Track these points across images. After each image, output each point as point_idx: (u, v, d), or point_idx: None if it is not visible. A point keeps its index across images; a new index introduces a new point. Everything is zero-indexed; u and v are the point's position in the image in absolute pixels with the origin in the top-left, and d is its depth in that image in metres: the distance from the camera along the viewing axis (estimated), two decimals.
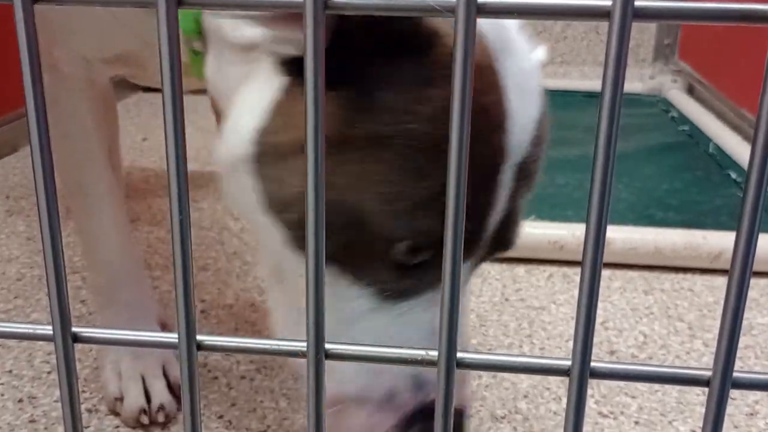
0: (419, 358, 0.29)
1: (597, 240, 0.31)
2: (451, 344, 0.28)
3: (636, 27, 2.10)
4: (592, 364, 0.28)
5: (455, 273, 0.29)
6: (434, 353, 0.29)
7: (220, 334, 0.88)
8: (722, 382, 0.28)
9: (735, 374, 0.28)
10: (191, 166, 1.23)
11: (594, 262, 0.30)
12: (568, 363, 0.28)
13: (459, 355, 0.28)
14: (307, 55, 0.27)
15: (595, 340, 0.89)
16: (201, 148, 1.50)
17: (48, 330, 0.30)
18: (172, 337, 0.29)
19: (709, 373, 0.28)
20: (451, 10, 0.31)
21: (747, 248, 0.32)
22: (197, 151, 1.51)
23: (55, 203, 0.29)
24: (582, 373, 0.28)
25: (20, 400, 0.76)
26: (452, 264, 0.28)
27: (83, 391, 0.77)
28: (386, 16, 0.32)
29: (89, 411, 0.75)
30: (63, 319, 0.30)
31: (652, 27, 2.15)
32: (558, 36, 2.20)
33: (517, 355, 0.29)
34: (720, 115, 1.69)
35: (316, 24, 0.28)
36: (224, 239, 1.14)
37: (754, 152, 0.30)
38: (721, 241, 1.05)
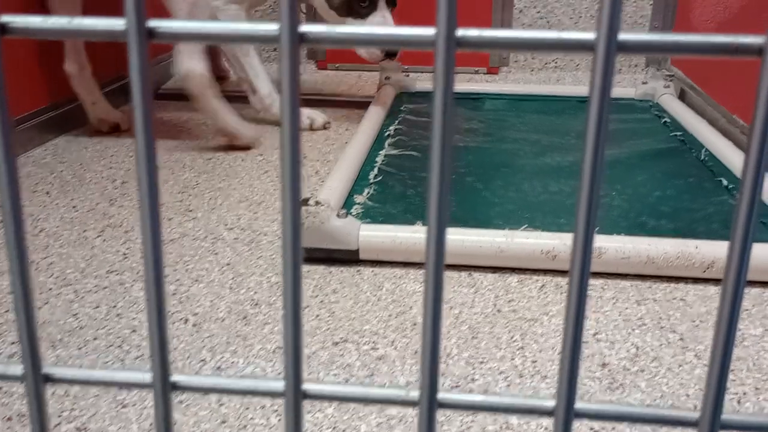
0: (399, 399, 0.28)
1: (581, 277, 0.31)
2: (432, 384, 0.28)
3: (629, 32, 2.12)
4: (577, 405, 0.28)
5: (437, 311, 0.29)
6: (415, 393, 0.28)
7: (212, 349, 0.87)
8: (711, 426, 0.28)
9: (724, 417, 0.28)
10: (186, 174, 1.24)
11: (578, 301, 0.30)
12: (552, 403, 0.28)
13: (440, 396, 0.28)
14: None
15: (587, 352, 0.89)
16: (197, 157, 1.50)
17: (18, 371, 0.29)
18: (146, 378, 0.29)
19: (696, 415, 0.28)
20: (431, 44, 0.31)
21: (737, 282, 0.32)
22: (193, 159, 1.50)
23: (23, 241, 0.29)
24: (567, 415, 0.28)
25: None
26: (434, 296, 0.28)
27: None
28: None
29: None
30: (34, 358, 0.29)
31: (645, 30, 2.15)
32: None
33: (500, 395, 0.29)
34: (712, 121, 1.69)
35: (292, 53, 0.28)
36: (218, 249, 1.14)
37: (747, 167, 0.30)
38: (714, 251, 1.05)
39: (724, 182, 1.38)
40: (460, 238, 1.08)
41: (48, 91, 1.63)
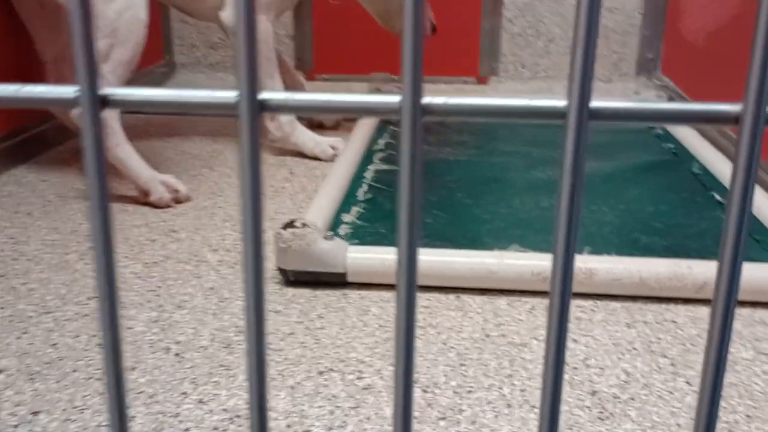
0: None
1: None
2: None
3: (618, 41, 2.10)
4: None
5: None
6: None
7: (194, 380, 0.85)
8: None
9: None
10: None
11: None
12: None
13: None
14: None
15: (577, 379, 0.88)
16: (181, 172, 1.48)
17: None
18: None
19: None
20: (397, 112, 0.29)
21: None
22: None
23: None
24: None
25: None
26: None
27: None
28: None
29: None
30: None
31: (634, 41, 2.14)
32: (542, 51, 2.19)
33: None
34: (703, 133, 1.68)
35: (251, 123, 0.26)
36: (201, 273, 1.12)
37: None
38: (706, 271, 1.03)
39: (716, 197, 1.36)
40: (449, 260, 1.06)
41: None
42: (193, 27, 2.24)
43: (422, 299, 1.05)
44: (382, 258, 1.07)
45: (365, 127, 1.71)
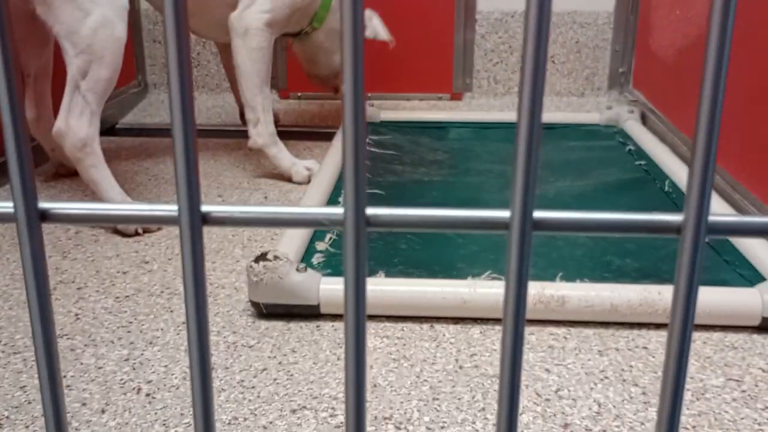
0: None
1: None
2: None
3: (591, 55, 2.11)
4: None
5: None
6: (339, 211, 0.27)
7: (165, 422, 0.85)
8: None
9: None
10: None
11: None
12: None
13: None
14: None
15: (549, 411, 0.88)
16: (153, 198, 1.46)
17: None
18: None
19: None
20: (341, 224, 0.29)
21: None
22: (149, 201, 1.47)
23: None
24: None
25: None
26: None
27: None
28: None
29: None
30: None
31: (606, 55, 2.16)
32: (515, 66, 2.20)
33: None
34: (674, 148, 1.70)
35: (194, 233, 0.26)
36: (174, 306, 1.11)
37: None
38: None
39: None
40: (422, 290, 1.06)
41: None
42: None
43: (396, 330, 1.05)
44: None
45: (339, 149, 1.70)
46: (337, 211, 0.29)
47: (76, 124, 1.28)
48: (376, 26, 1.80)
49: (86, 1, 1.27)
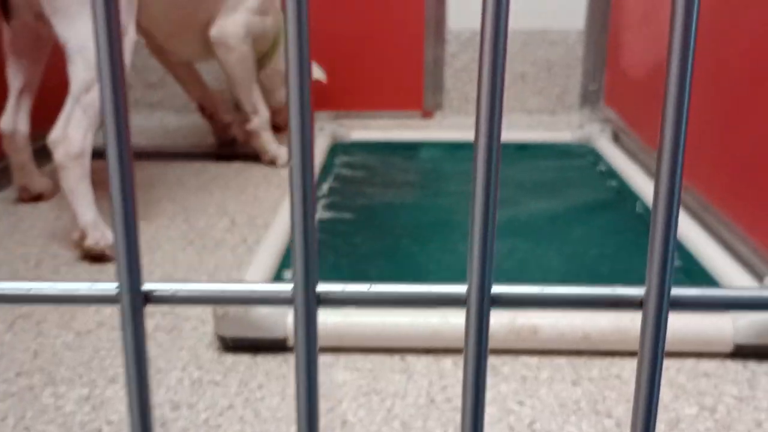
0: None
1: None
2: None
3: (562, 73, 2.11)
4: None
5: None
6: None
7: None
8: None
9: None
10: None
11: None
12: None
13: None
14: None
15: None
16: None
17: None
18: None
19: None
20: (290, 301, 0.28)
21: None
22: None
23: None
24: None
25: None
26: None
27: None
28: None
29: None
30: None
31: (577, 73, 2.17)
32: None
33: None
34: (646, 165, 1.70)
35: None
36: None
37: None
38: None
39: None
40: (392, 321, 1.04)
41: None
42: (131, 66, 2.20)
43: (366, 361, 1.03)
44: (323, 320, 1.04)
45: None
46: (286, 288, 0.27)
47: (73, 134, 1.29)
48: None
49: None
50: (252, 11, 1.73)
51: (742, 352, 1.03)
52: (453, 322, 1.04)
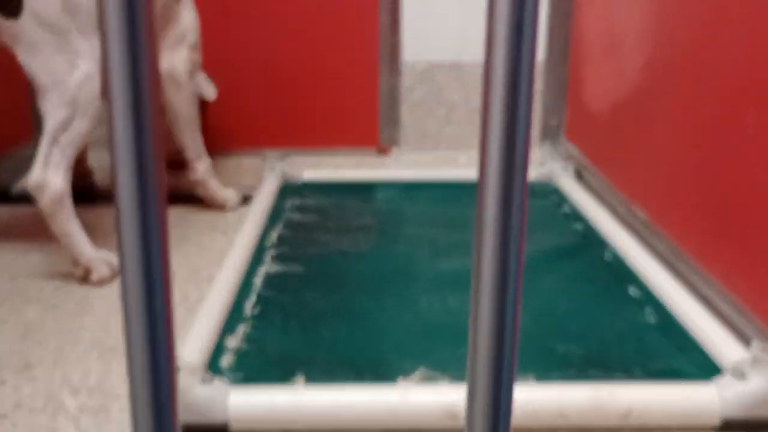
0: None
1: None
2: None
3: None
4: None
5: None
6: None
7: None
8: None
9: None
10: (31, 312, 0.99)
11: None
12: None
13: None
14: None
15: None
16: (45, 286, 1.29)
17: None
18: None
19: None
20: None
21: None
22: (40, 289, 1.31)
23: None
24: None
25: None
26: None
27: None
28: None
29: None
30: None
31: (538, 106, 2.09)
32: (443, 120, 2.11)
33: None
34: (612, 206, 1.62)
35: None
36: (58, 425, 0.95)
37: None
38: (630, 397, 0.94)
39: (631, 292, 1.29)
40: (347, 400, 0.93)
41: None
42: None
43: None
44: (270, 401, 0.93)
45: (256, 216, 1.57)
46: None
47: (53, 179, 1.26)
48: (199, 83, 1.84)
49: (74, 54, 1.26)
50: (191, 47, 1.63)
51: (730, 427, 0.95)
52: (413, 400, 0.93)
